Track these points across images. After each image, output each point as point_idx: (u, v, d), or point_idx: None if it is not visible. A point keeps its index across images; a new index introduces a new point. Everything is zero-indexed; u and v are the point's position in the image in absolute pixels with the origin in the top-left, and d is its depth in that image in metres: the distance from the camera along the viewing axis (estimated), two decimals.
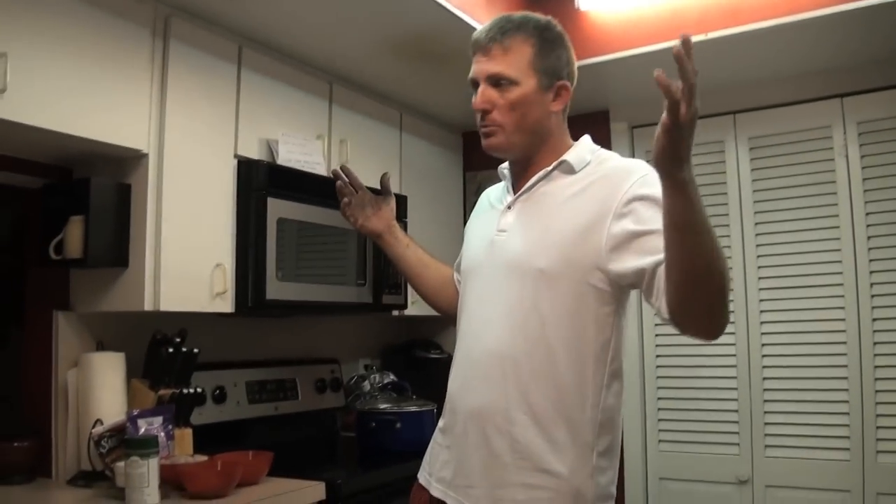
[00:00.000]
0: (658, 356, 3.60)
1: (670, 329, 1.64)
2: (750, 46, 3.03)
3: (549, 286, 1.69)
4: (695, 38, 2.64)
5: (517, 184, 1.88)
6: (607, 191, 1.69)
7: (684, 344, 3.46)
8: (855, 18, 2.76)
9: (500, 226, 1.84)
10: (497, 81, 1.79)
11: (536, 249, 1.73)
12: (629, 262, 1.62)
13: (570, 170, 1.79)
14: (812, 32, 2.90)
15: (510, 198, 1.87)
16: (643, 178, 1.68)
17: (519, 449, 1.68)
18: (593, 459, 1.69)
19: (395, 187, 3.51)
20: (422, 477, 1.93)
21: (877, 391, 3.14)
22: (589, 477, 1.68)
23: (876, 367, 3.14)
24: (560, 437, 1.67)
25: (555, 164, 1.80)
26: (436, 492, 1.82)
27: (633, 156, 3.73)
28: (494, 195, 1.99)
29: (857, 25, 2.83)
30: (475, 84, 1.84)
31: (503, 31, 1.80)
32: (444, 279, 2.19)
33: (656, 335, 3.61)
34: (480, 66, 1.82)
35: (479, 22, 2.86)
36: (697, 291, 1.45)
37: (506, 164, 1.95)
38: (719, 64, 3.21)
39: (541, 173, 1.81)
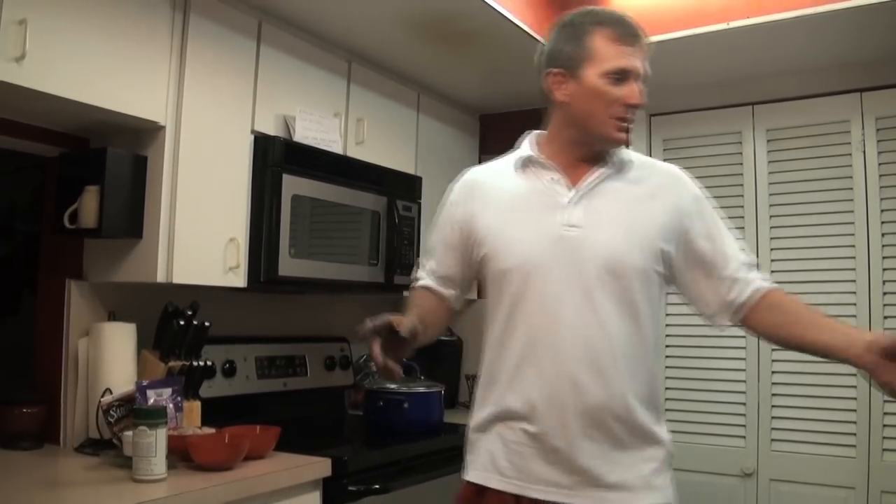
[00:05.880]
0: (668, 346, 3.59)
1: (680, 320, 1.74)
2: (771, 37, 3.01)
3: (641, 280, 1.76)
4: (716, 28, 2.65)
5: (571, 176, 1.84)
6: (675, 192, 1.85)
7: (693, 335, 3.46)
8: (878, 13, 2.74)
9: (568, 220, 1.78)
10: (644, 83, 1.81)
11: (627, 246, 1.76)
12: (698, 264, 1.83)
13: (627, 168, 1.86)
14: (834, 25, 2.88)
15: (568, 191, 1.82)
16: (693, 180, 1.89)
17: (636, 429, 1.75)
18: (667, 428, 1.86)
19: (410, 168, 3.52)
20: (504, 484, 1.79)
21: None
22: (672, 442, 1.84)
23: None
24: (656, 414, 1.80)
25: (617, 161, 1.85)
26: (544, 494, 1.74)
27: (650, 143, 3.71)
28: (504, 181, 1.91)
29: (879, 20, 2.80)
30: (623, 74, 1.78)
31: (644, 32, 1.85)
32: (438, 311, 2.02)
33: (666, 325, 3.60)
34: (638, 62, 1.80)
35: (502, 5, 2.85)
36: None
37: (544, 156, 1.88)
38: (740, 54, 3.19)
39: (606, 170, 1.83)
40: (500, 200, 1.90)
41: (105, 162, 2.40)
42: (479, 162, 4.10)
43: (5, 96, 2.16)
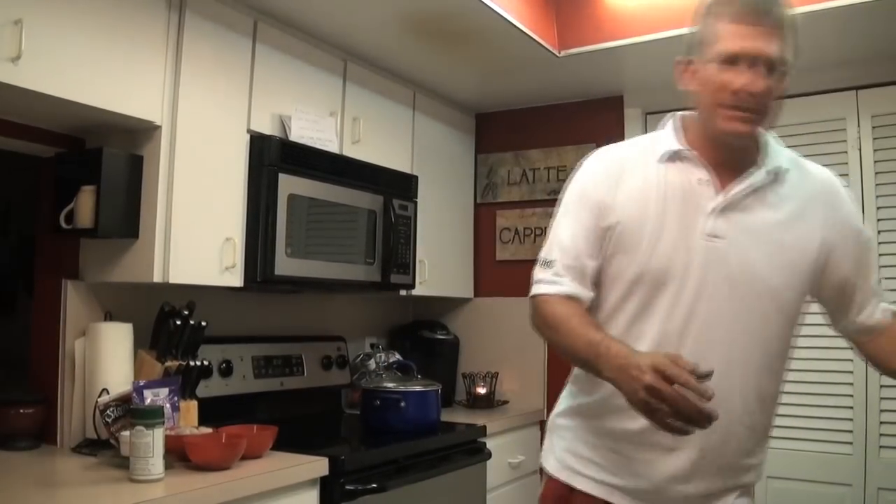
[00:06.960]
0: None
1: None
2: None
3: (778, 303, 1.69)
4: None
5: (720, 177, 1.68)
6: (828, 209, 1.73)
7: None
8: (873, 10, 2.74)
9: (711, 230, 1.65)
10: (773, 67, 1.61)
11: (769, 269, 1.66)
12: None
13: (780, 178, 1.72)
14: (830, 23, 2.88)
15: (715, 195, 1.67)
16: (847, 191, 1.80)
17: (740, 468, 1.80)
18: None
19: (406, 167, 3.52)
20: (592, 486, 1.77)
21: (881, 386, 3.13)
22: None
23: None
24: (761, 449, 1.89)
25: (771, 168, 1.70)
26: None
27: None
28: (648, 171, 1.72)
29: (874, 17, 2.81)
30: (733, 58, 1.59)
31: (781, 6, 1.62)
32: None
33: None
34: (758, 44, 1.58)
35: (498, 4, 2.85)
36: None
37: (694, 151, 1.71)
38: None
39: (757, 180, 1.68)
40: (641, 192, 1.71)
41: (101, 162, 2.40)
42: (475, 161, 4.14)
43: (1, 97, 2.16)
